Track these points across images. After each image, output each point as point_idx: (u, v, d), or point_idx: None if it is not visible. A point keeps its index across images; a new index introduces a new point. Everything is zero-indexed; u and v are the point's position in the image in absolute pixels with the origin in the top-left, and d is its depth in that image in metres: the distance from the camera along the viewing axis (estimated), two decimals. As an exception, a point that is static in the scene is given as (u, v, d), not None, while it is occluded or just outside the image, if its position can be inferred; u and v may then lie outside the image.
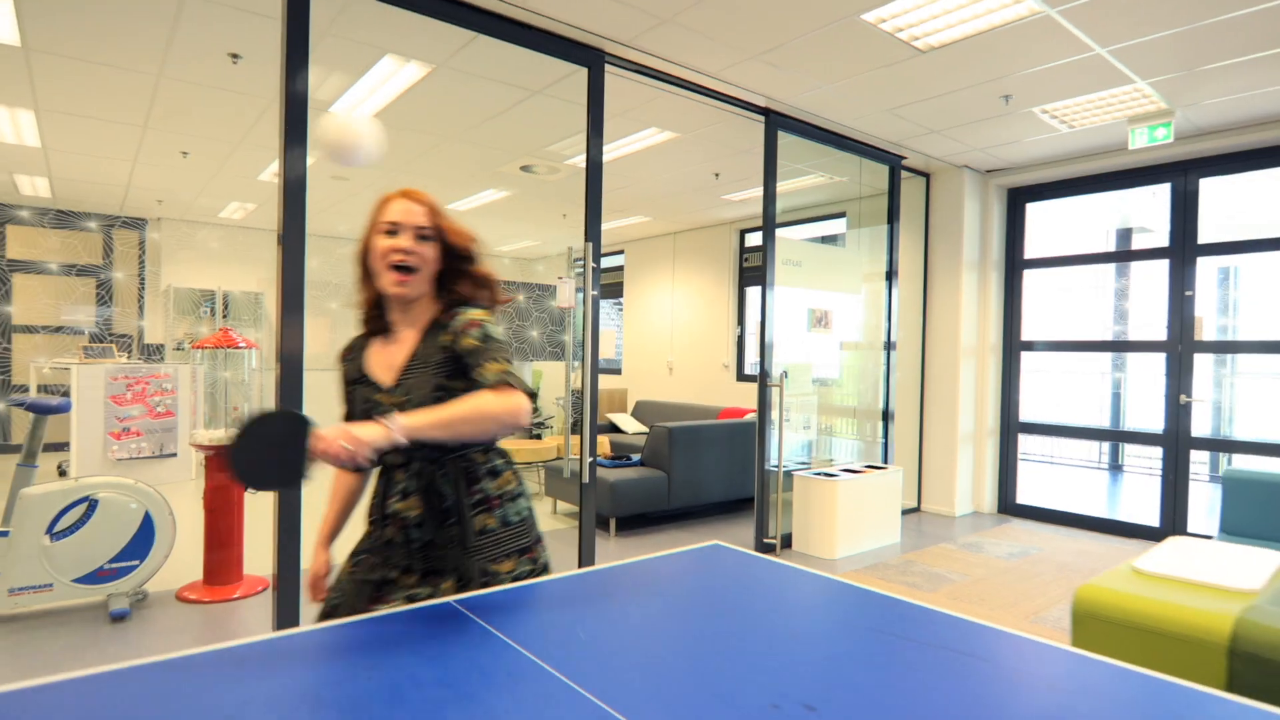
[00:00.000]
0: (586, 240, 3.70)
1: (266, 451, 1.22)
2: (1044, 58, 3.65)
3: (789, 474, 4.80)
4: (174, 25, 3.48)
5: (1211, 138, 4.70)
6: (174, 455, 6.25)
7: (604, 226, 8.44)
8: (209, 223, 8.45)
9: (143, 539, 3.45)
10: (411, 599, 1.48)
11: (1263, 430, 6.51)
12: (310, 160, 2.89)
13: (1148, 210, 6.70)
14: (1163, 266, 5.36)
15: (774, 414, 4.63)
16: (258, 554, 3.98)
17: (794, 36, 3.47)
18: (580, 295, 3.90)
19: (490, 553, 1.50)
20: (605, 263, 9.75)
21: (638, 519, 5.26)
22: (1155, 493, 5.15)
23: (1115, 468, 8.69)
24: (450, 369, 1.45)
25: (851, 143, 5.08)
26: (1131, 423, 7.73)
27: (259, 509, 3.94)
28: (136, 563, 3.43)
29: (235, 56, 3.83)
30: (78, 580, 3.31)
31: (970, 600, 3.84)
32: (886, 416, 5.61)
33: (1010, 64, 3.74)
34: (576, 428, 8.43)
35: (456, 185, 6.55)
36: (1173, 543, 2.57)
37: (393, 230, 1.42)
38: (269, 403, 5.69)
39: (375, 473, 1.57)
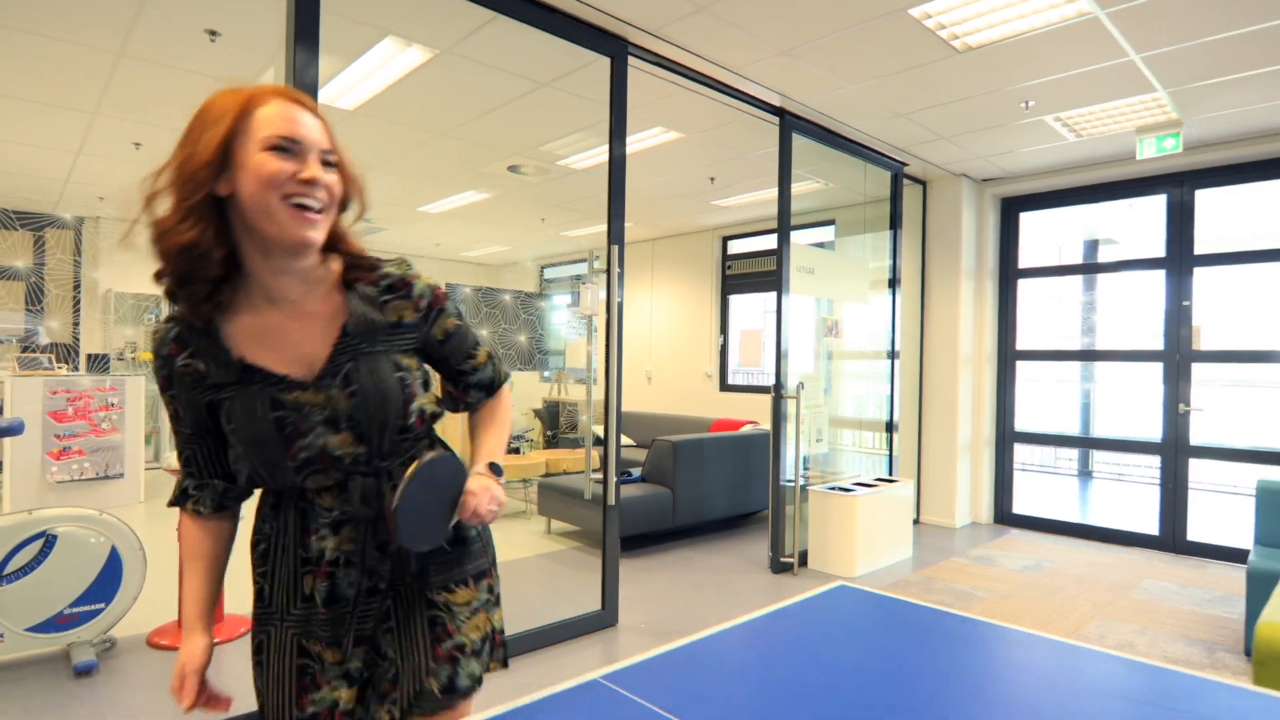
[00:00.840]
0: (610, 244, 3.44)
1: (427, 504, 0.97)
2: (1076, 62, 3.58)
3: (802, 489, 4.62)
4: (149, -5, 3.08)
5: (1210, 150, 4.76)
6: (120, 476, 5.68)
7: (578, 233, 8.22)
8: (154, 223, 7.81)
9: (108, 579, 3.02)
10: (350, 679, 1.07)
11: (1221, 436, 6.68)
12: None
13: (1119, 223, 6.82)
14: (1130, 278, 5.49)
15: (789, 427, 4.44)
16: (241, 588, 3.54)
17: (832, 30, 3.30)
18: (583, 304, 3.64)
19: (440, 577, 1.12)
20: (579, 270, 9.47)
21: (640, 538, 5.00)
22: (1130, 498, 5.18)
23: (1085, 474, 8.86)
24: (407, 348, 1.08)
25: (859, 147, 4.96)
26: (1100, 430, 7.86)
27: (240, 536, 3.50)
28: (101, 606, 3.00)
29: (213, 34, 3.43)
30: (32, 629, 2.85)
31: (1007, 619, 3.70)
32: (891, 427, 5.50)
33: (1041, 68, 3.66)
34: (553, 441, 8.12)
35: (436, 185, 6.19)
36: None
37: (287, 148, 0.93)
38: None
39: (260, 506, 1.10)
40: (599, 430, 7.46)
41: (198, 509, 1.07)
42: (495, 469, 1.13)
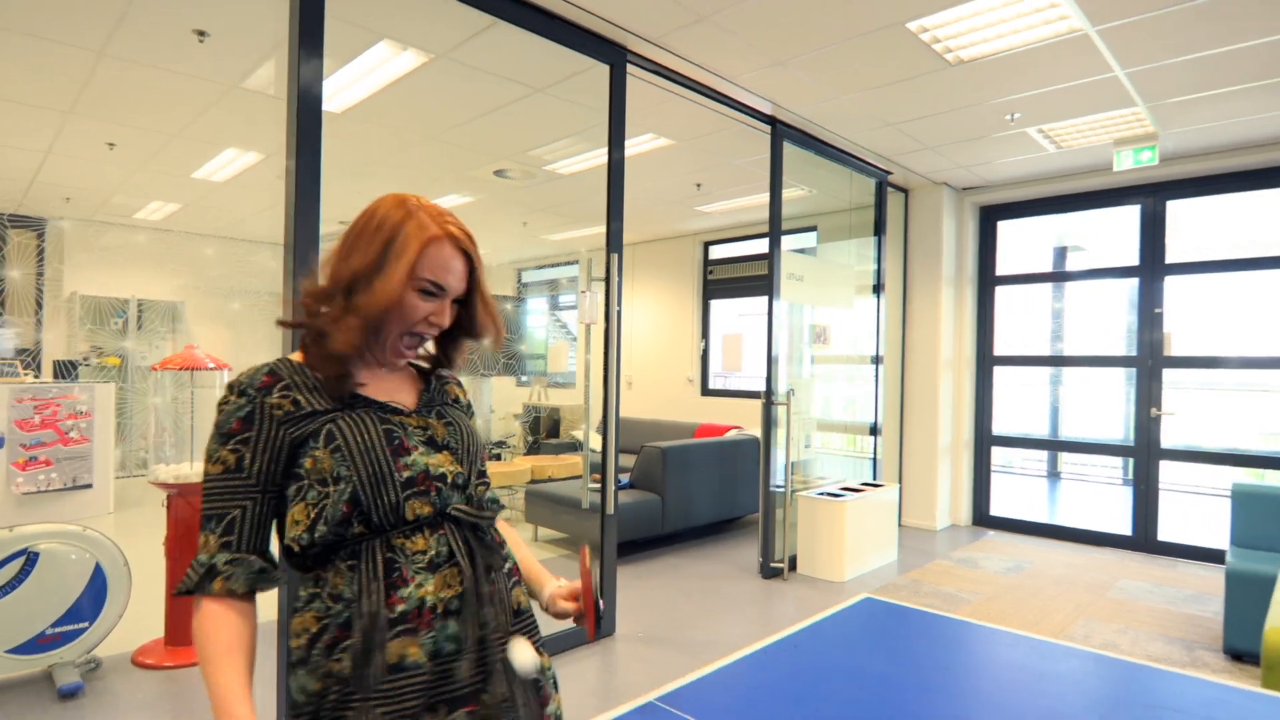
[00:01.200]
0: (609, 252, 3.43)
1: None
2: (1063, 77, 3.67)
3: (791, 494, 4.65)
4: (136, -7, 2.99)
5: (1183, 162, 4.91)
6: (89, 487, 5.49)
7: (559, 236, 8.17)
8: (123, 224, 7.57)
9: (92, 597, 2.91)
10: None
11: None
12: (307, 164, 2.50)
13: (1093, 231, 7.01)
14: (1104, 286, 5.68)
15: (779, 433, 4.48)
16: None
17: (831, 42, 3.34)
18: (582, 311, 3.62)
19: (533, 640, 1.07)
20: (556, 274, 9.43)
21: (628, 545, 4.99)
22: (1095, 498, 5.34)
23: (1053, 475, 9.08)
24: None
25: (846, 156, 5.03)
26: (1068, 432, 8.08)
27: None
28: (85, 625, 2.89)
29: (202, 34, 3.34)
30: (13, 650, 2.74)
31: (995, 620, 3.79)
32: (875, 431, 5.57)
33: (1029, 81, 3.74)
34: (534, 448, 8.06)
35: (418, 190, 6.09)
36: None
37: (434, 292, 1.02)
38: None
39: (324, 576, 0.95)
40: (579, 435, 7.43)
41: (231, 588, 0.91)
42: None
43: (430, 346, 1.13)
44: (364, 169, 5.42)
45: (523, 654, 0.98)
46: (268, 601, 2.18)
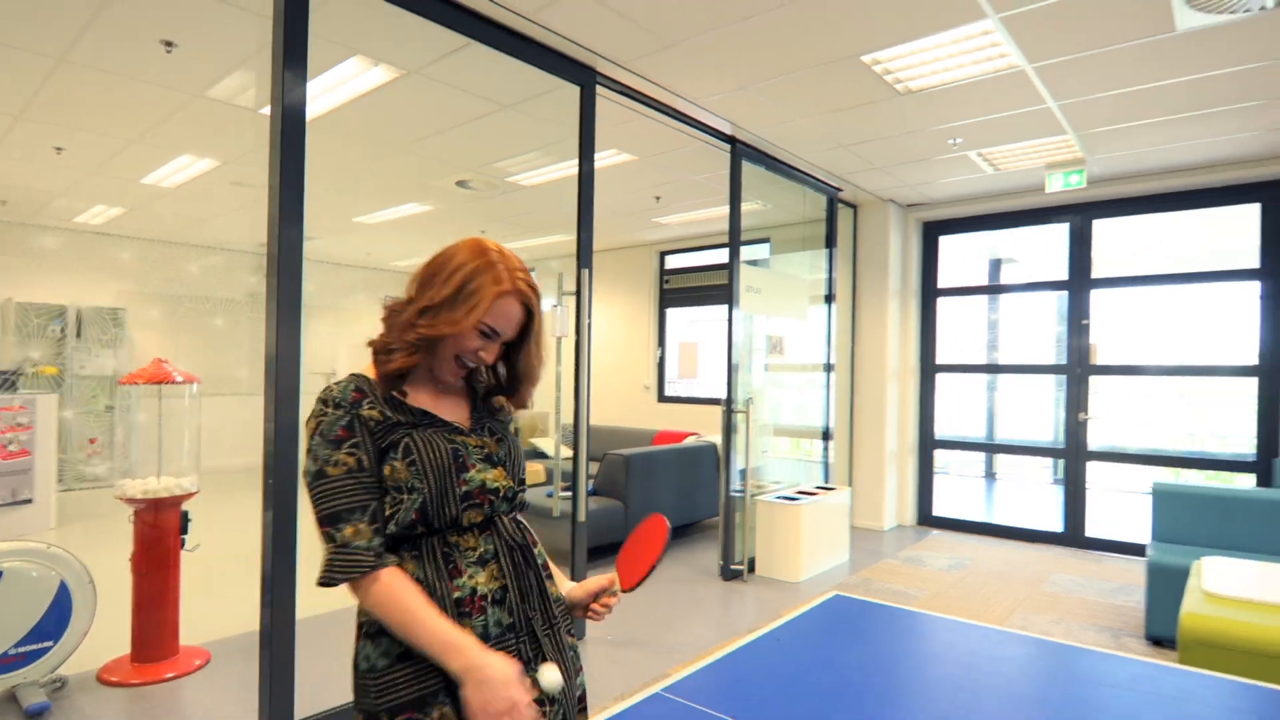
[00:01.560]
0: (580, 267, 3.54)
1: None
2: (1001, 107, 3.95)
3: (745, 498, 4.83)
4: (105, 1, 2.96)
5: (1107, 185, 5.30)
6: (29, 502, 5.30)
7: (519, 244, 8.22)
8: (61, 228, 7.29)
9: (56, 615, 2.87)
10: None
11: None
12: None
13: (1026, 247, 7.46)
14: (1036, 298, 6.07)
15: (739, 440, 4.65)
16: (198, 615, 3.40)
17: (790, 70, 3.53)
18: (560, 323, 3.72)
19: (566, 622, 1.23)
20: (513, 280, 9.43)
21: (593, 551, 5.08)
22: (1025, 497, 5.68)
23: (989, 475, 9.55)
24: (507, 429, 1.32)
25: (801, 174, 5.25)
26: (1003, 435, 8.54)
27: (208, 564, 3.32)
28: (50, 644, 2.85)
29: (169, 44, 3.32)
30: (-25, 672, 2.69)
31: (942, 614, 4.03)
32: (827, 436, 5.81)
33: (970, 110, 4.01)
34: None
35: (378, 197, 6.09)
36: (1213, 563, 2.85)
37: (490, 335, 1.16)
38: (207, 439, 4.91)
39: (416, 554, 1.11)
40: (540, 443, 7.48)
41: (396, 562, 1.07)
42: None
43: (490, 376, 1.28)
44: (324, 177, 5.39)
45: (549, 675, 1.10)
46: (253, 607, 2.21)
